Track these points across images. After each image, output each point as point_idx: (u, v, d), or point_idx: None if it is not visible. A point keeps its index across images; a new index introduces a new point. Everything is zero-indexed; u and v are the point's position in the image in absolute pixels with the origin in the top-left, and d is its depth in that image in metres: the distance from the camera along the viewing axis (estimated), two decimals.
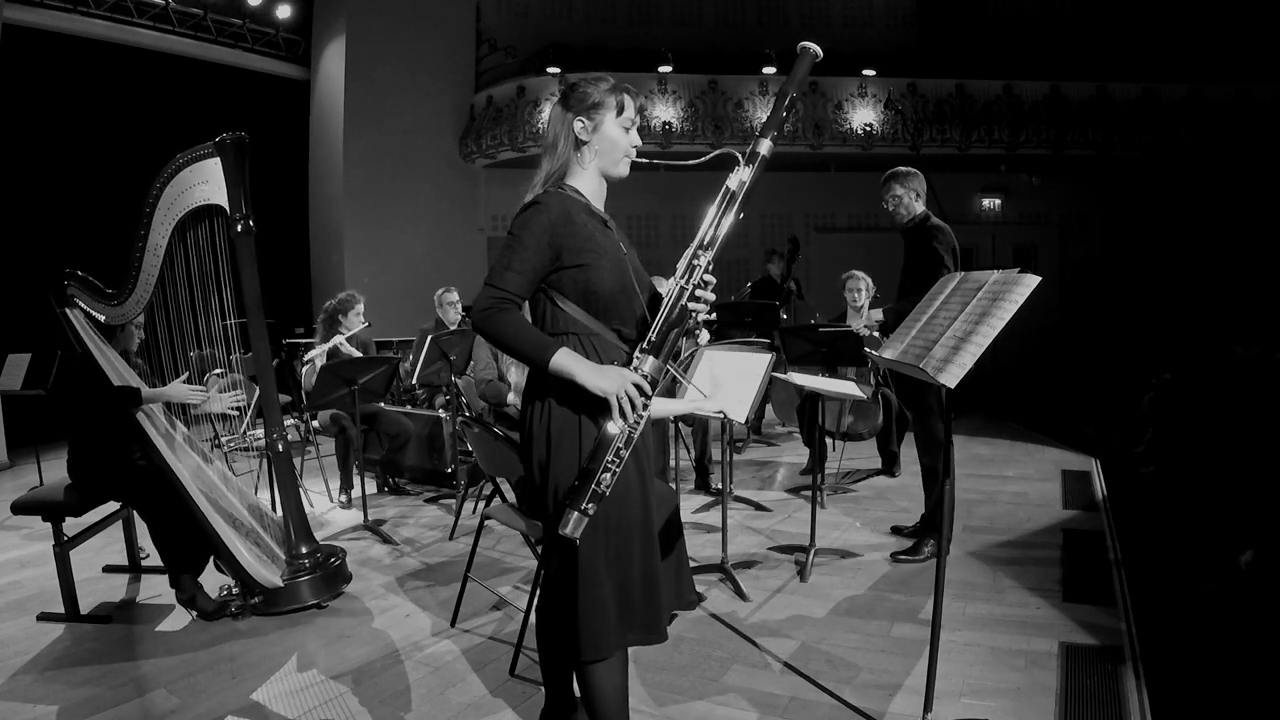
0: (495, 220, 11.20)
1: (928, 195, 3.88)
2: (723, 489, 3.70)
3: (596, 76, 1.99)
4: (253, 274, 3.32)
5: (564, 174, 1.97)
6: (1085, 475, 5.35)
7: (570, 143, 1.96)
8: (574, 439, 1.86)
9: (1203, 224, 10.69)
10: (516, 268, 1.84)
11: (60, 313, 3.49)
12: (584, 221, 1.90)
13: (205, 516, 3.30)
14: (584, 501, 1.76)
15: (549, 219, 1.86)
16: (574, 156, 1.97)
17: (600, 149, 1.96)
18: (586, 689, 1.94)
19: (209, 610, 3.34)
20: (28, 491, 3.59)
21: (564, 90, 2.00)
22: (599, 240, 1.91)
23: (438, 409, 5.64)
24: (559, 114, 1.98)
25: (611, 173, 2.00)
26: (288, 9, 10.06)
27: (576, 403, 1.84)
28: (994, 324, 2.06)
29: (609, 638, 1.86)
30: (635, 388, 1.79)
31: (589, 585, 1.84)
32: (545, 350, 1.80)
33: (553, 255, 1.87)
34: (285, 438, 3.50)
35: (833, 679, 2.68)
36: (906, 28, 12.00)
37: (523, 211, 1.90)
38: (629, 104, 1.98)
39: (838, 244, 11.14)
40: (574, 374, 1.79)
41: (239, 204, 3.25)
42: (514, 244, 1.86)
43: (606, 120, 1.95)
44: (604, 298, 1.90)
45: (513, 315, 1.82)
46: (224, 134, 3.22)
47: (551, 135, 1.99)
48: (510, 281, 1.83)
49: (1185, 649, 2.91)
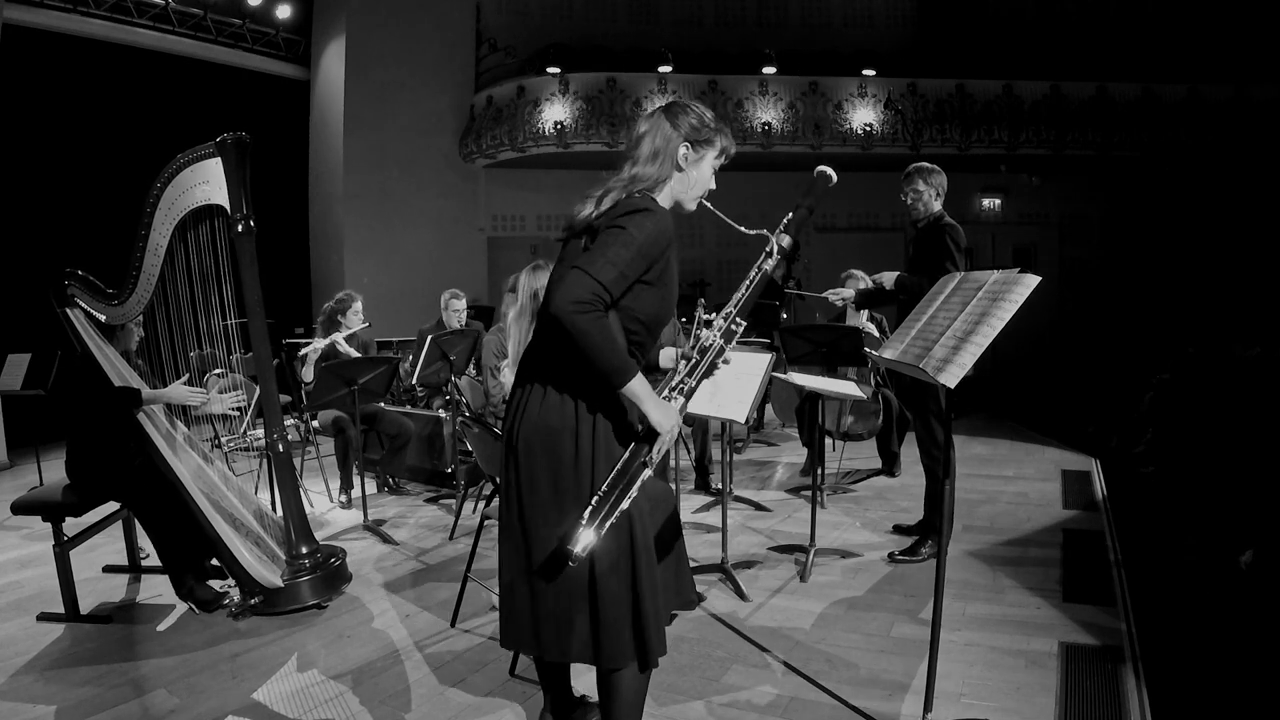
0: (495, 220, 11.20)
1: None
2: (723, 489, 3.70)
3: (703, 108, 1.99)
4: (253, 274, 3.32)
5: (653, 188, 1.94)
6: (1085, 475, 5.35)
7: (671, 164, 1.93)
8: (589, 453, 1.85)
9: (1202, 224, 10.70)
10: (624, 269, 1.78)
11: (61, 312, 3.49)
12: (674, 245, 1.90)
13: (205, 517, 3.30)
14: (601, 522, 1.76)
15: (663, 231, 1.83)
16: (669, 178, 1.95)
17: (691, 180, 1.97)
18: (613, 693, 1.93)
19: (207, 600, 3.34)
20: (28, 491, 3.59)
21: (674, 107, 1.97)
22: (674, 267, 1.91)
23: (437, 409, 5.64)
24: (665, 130, 1.94)
25: (686, 206, 2.01)
26: (288, 9, 10.06)
27: (621, 423, 1.86)
28: (994, 324, 2.06)
29: (628, 649, 1.87)
30: (677, 429, 1.83)
31: (608, 598, 1.85)
32: (626, 372, 1.77)
33: (647, 268, 1.83)
34: (285, 438, 3.50)
35: (833, 679, 2.68)
36: (906, 28, 12.00)
37: (639, 211, 1.83)
38: (729, 150, 2.00)
39: (838, 244, 11.14)
40: (642, 402, 1.79)
41: (240, 204, 3.26)
42: (628, 243, 1.78)
43: (708, 158, 1.97)
44: (646, 322, 1.90)
45: (605, 322, 1.76)
46: (225, 134, 3.22)
47: (649, 148, 1.93)
48: (616, 283, 1.77)
49: (1185, 649, 2.91)
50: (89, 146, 8.21)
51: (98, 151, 8.17)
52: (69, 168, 8.12)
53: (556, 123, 9.84)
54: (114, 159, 7.89)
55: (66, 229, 7.67)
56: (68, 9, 8.31)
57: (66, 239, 7.45)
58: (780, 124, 10.05)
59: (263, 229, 3.37)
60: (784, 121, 10.04)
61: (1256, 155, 10.21)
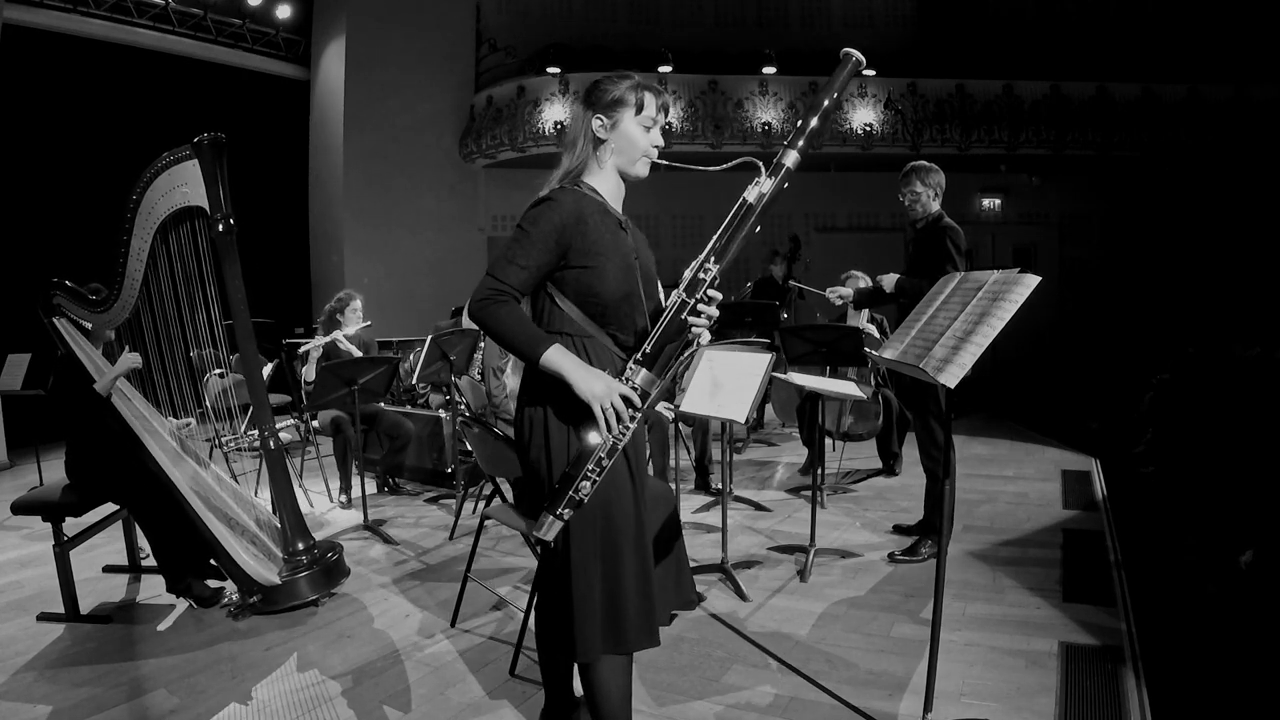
0: (495, 220, 11.20)
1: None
2: (723, 489, 3.70)
3: (620, 74, 1.95)
4: (236, 273, 3.31)
5: (582, 172, 1.94)
6: (1085, 475, 5.35)
7: (589, 140, 1.93)
8: (562, 443, 1.84)
9: (1202, 224, 10.70)
10: (520, 262, 1.81)
11: (48, 322, 3.52)
12: (597, 222, 1.87)
13: (201, 518, 3.29)
14: (560, 507, 1.74)
15: (560, 217, 1.83)
16: (592, 155, 1.94)
17: (618, 147, 1.93)
18: (591, 688, 1.93)
19: (205, 596, 3.35)
20: (28, 491, 3.59)
21: (586, 88, 1.97)
22: (609, 242, 1.88)
23: (436, 409, 5.64)
24: (579, 111, 1.95)
25: (629, 172, 1.97)
26: (288, 9, 10.06)
27: (571, 406, 1.80)
28: (994, 324, 2.06)
29: (597, 641, 1.84)
30: (623, 399, 1.74)
31: (581, 587, 1.83)
32: (538, 345, 1.77)
33: (560, 253, 1.84)
34: (276, 435, 3.50)
35: (833, 679, 2.68)
36: (906, 28, 12.01)
37: (534, 206, 1.87)
38: (650, 101, 1.93)
39: (838, 244, 11.14)
40: (564, 372, 1.75)
41: (219, 204, 3.25)
42: (521, 238, 1.83)
43: (625, 118, 1.92)
44: (605, 302, 1.88)
45: (510, 308, 1.79)
46: (201, 135, 3.22)
47: (572, 133, 1.96)
48: (511, 275, 1.80)
49: (1185, 649, 2.91)
50: (89, 147, 8.21)
51: (98, 151, 8.16)
52: (69, 168, 8.12)
53: (556, 123, 9.84)
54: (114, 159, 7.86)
55: (67, 229, 7.66)
56: (68, 9, 8.31)
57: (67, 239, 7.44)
58: (780, 124, 10.05)
59: (263, 229, 3.38)
60: (784, 121, 10.04)
61: (1256, 155, 10.21)
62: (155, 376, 3.58)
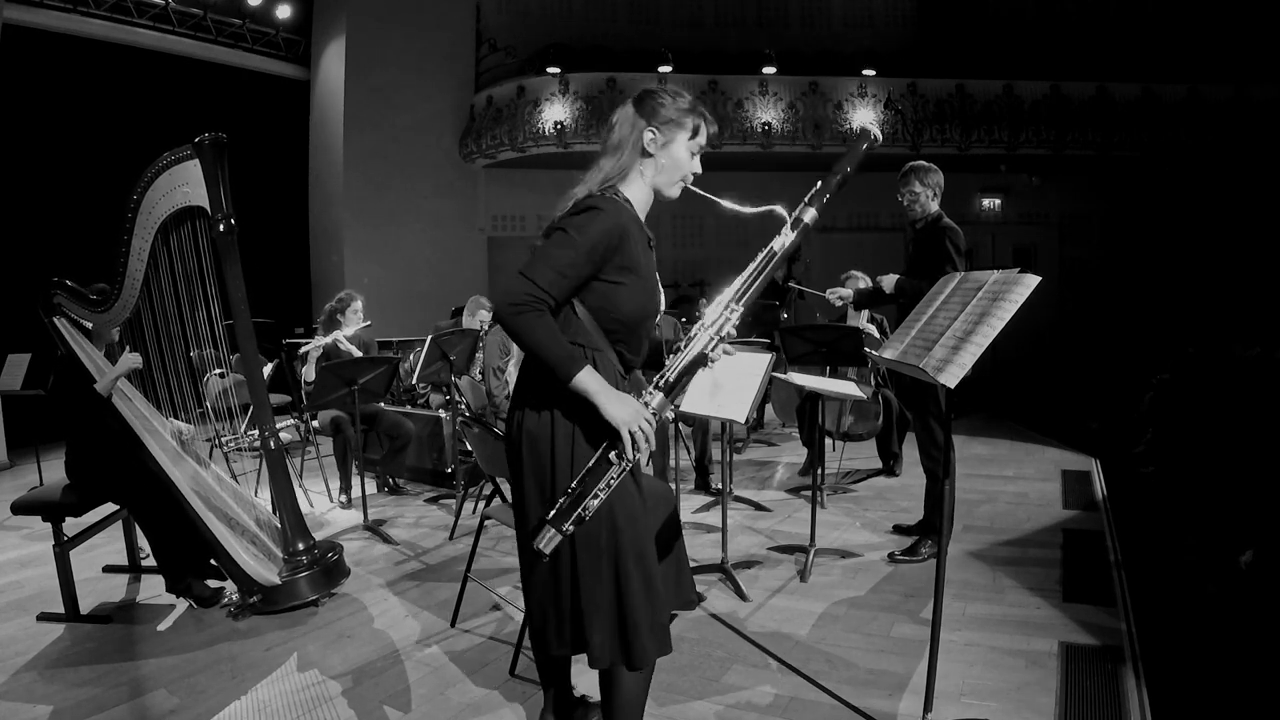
0: (495, 220, 11.21)
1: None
2: (723, 489, 3.70)
3: (676, 91, 1.94)
4: (236, 273, 3.31)
5: (620, 180, 1.91)
6: (1085, 475, 5.35)
7: (636, 151, 1.90)
8: (567, 456, 1.82)
9: (1202, 224, 10.70)
10: (563, 270, 1.75)
11: (49, 321, 3.52)
12: (636, 238, 1.85)
13: (201, 518, 3.29)
14: (567, 523, 1.72)
15: (608, 227, 1.79)
16: (635, 165, 1.91)
17: (664, 165, 1.91)
18: (616, 692, 1.91)
19: (205, 596, 3.35)
20: (28, 491, 3.59)
21: (641, 94, 1.93)
22: (643, 262, 1.86)
23: (436, 409, 5.64)
24: (630, 117, 1.91)
25: (665, 192, 1.95)
26: (288, 9, 10.06)
27: (586, 420, 1.78)
28: (994, 324, 2.06)
29: (608, 648, 1.83)
30: (647, 424, 1.74)
31: (589, 593, 1.82)
32: (571, 366, 1.73)
33: (599, 265, 1.80)
34: (276, 435, 3.50)
35: (833, 679, 2.68)
36: (906, 28, 12.01)
37: (583, 211, 1.81)
38: (704, 131, 1.93)
39: (838, 244, 11.14)
40: (594, 396, 1.73)
41: (220, 204, 3.25)
42: (567, 244, 1.77)
43: (679, 140, 1.90)
44: (624, 320, 1.86)
45: (545, 320, 1.73)
46: (203, 135, 3.22)
47: (617, 137, 1.92)
48: (554, 284, 1.74)
49: (1185, 649, 2.91)
50: (90, 146, 8.21)
51: (98, 151, 8.17)
52: (70, 168, 8.12)
53: (556, 123, 9.84)
54: (114, 159, 7.86)
55: (67, 229, 7.67)
56: (68, 9, 8.31)
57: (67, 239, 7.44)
58: (780, 124, 10.06)
59: (263, 229, 3.38)
60: (784, 121, 10.04)
61: (1256, 155, 10.21)
62: (156, 376, 3.58)
